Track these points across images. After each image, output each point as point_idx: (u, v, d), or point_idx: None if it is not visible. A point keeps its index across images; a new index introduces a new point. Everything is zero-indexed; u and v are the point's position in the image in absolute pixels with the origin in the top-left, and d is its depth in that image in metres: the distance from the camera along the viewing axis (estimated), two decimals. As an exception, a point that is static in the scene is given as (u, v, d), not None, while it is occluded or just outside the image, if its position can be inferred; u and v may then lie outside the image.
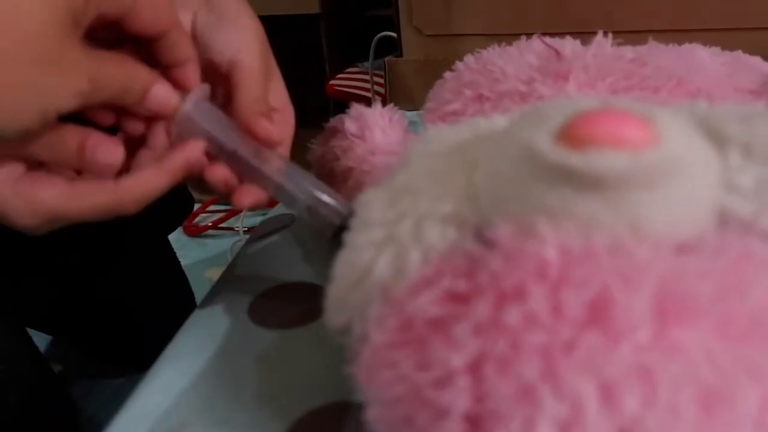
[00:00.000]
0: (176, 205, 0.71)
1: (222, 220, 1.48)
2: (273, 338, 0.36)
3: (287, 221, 0.51)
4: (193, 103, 0.34)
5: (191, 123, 0.34)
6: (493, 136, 0.26)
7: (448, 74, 0.46)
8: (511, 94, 0.37)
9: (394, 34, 0.82)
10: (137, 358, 0.51)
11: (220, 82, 0.36)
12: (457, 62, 0.49)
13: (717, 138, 0.22)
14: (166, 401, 0.32)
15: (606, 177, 0.19)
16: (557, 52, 0.38)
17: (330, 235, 0.34)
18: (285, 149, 0.38)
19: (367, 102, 0.47)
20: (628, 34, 0.69)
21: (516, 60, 0.40)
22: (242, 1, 0.40)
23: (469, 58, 0.49)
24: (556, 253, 0.19)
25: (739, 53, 0.47)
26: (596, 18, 0.66)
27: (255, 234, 0.50)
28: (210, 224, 1.47)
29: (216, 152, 0.35)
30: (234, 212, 1.47)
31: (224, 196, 0.36)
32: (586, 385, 0.17)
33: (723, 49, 0.49)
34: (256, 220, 1.35)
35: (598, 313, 0.18)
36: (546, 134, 0.20)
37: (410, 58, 0.78)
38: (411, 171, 0.26)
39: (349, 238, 0.26)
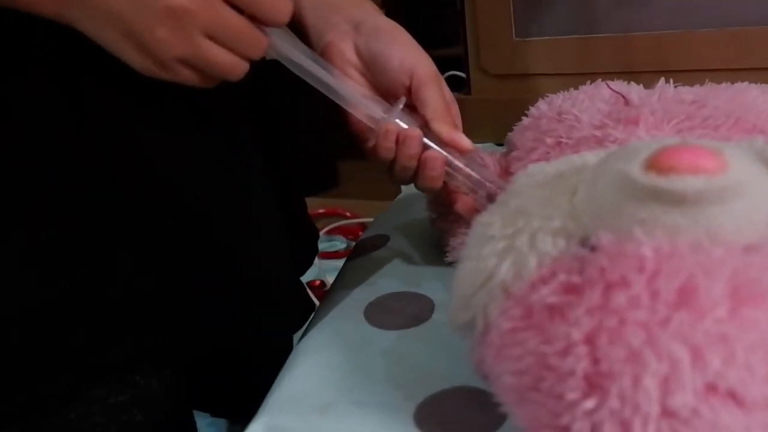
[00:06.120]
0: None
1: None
2: (389, 338, 0.43)
3: (382, 242, 0.58)
4: (395, 113, 0.43)
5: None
6: (587, 168, 0.32)
7: (526, 121, 0.52)
8: (587, 139, 0.43)
9: (462, 74, 0.89)
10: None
11: (401, 93, 0.44)
12: (531, 108, 0.55)
13: (772, 166, 0.28)
14: (308, 386, 0.39)
15: (687, 195, 0.25)
16: (625, 99, 0.45)
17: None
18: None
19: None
20: (685, 74, 0.75)
21: (588, 107, 0.46)
22: (376, 8, 0.45)
23: (541, 104, 0.55)
24: (651, 251, 0.25)
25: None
26: (654, 59, 0.72)
27: (355, 252, 0.58)
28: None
29: None
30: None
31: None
32: (680, 349, 0.23)
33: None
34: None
35: (686, 296, 0.24)
36: (637, 164, 0.27)
37: (478, 96, 0.85)
38: (521, 198, 0.32)
39: (470, 252, 0.32)
